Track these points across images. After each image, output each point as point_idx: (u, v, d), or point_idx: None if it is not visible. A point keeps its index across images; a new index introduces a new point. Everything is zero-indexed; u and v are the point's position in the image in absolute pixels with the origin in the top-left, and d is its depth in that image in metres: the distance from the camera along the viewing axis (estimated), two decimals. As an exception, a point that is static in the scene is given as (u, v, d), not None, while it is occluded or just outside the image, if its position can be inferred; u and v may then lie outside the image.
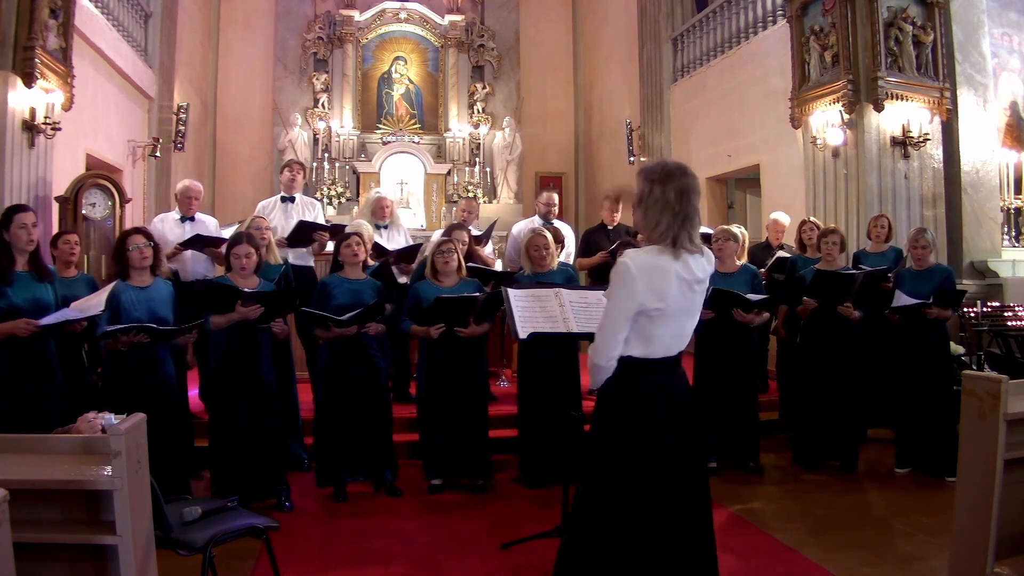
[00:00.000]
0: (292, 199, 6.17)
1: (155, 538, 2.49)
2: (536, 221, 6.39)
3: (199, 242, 5.38)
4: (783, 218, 6.81)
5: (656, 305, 2.39)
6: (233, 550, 3.16)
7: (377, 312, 4.51)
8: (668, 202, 2.40)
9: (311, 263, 6.10)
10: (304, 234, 5.74)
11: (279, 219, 6.04)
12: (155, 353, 4.15)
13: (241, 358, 4.25)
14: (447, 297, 4.50)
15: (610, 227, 6.54)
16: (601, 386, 2.53)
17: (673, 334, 2.47)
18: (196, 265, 5.56)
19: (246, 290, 4.19)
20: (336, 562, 3.60)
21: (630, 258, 2.40)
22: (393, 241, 6.00)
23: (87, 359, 4.57)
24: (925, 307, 4.89)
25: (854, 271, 5.09)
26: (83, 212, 6.09)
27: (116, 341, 3.96)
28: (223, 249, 5.29)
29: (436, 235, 5.88)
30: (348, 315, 4.36)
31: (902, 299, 4.98)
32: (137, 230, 4.31)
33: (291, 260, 5.68)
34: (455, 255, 4.80)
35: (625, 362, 2.48)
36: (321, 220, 6.34)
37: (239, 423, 4.22)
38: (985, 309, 6.48)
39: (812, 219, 6.26)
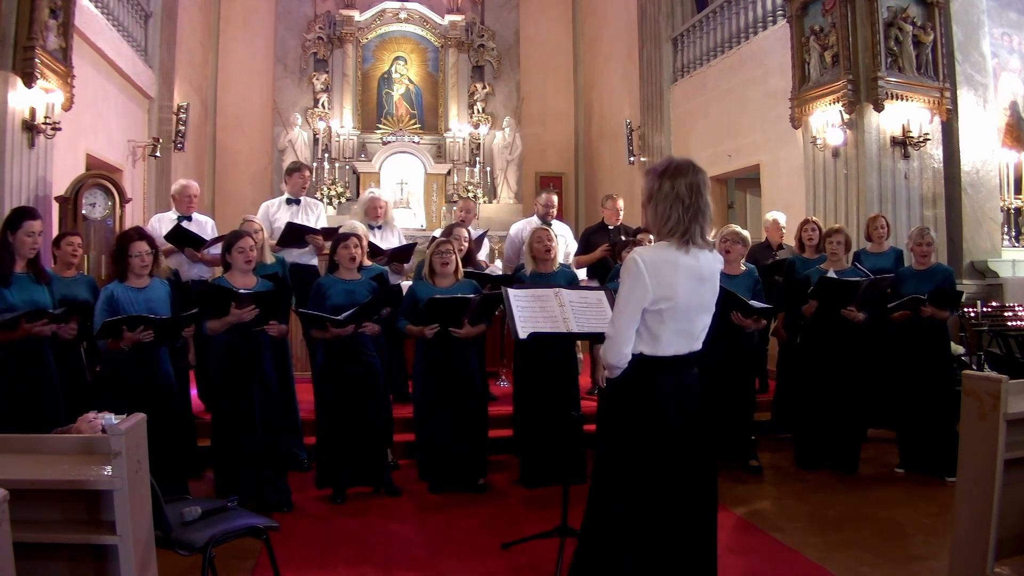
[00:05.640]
0: (297, 201, 6.17)
1: (155, 538, 2.49)
2: (535, 222, 6.37)
3: (182, 236, 5.38)
4: (783, 218, 6.80)
5: (665, 298, 2.39)
6: (233, 550, 3.16)
7: (373, 310, 4.50)
8: (679, 196, 2.41)
9: (314, 262, 6.09)
10: (295, 235, 5.74)
11: (285, 219, 6.00)
12: (154, 352, 4.15)
13: (243, 358, 4.25)
14: (440, 298, 4.51)
15: (611, 227, 6.54)
16: (609, 384, 2.52)
17: (683, 330, 2.47)
18: (192, 267, 5.56)
19: (241, 291, 4.18)
20: (336, 562, 3.60)
21: (639, 253, 2.43)
22: (386, 241, 5.99)
23: (86, 359, 4.56)
24: (920, 302, 4.88)
25: (858, 279, 5.04)
26: (83, 212, 6.08)
27: (118, 341, 3.94)
28: (205, 252, 5.41)
29: (435, 235, 5.87)
30: (344, 314, 4.36)
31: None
32: (140, 235, 4.28)
33: (294, 259, 5.68)
34: (453, 256, 4.81)
35: (635, 359, 2.46)
36: (323, 220, 6.34)
37: (242, 423, 4.22)
38: (985, 309, 6.48)
39: (813, 219, 6.26)
